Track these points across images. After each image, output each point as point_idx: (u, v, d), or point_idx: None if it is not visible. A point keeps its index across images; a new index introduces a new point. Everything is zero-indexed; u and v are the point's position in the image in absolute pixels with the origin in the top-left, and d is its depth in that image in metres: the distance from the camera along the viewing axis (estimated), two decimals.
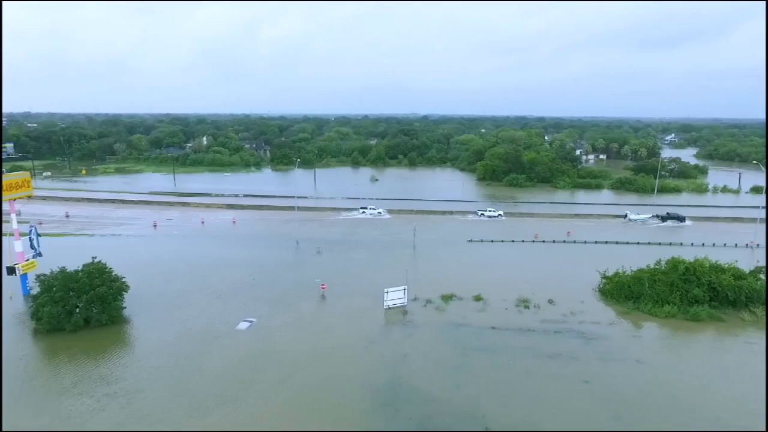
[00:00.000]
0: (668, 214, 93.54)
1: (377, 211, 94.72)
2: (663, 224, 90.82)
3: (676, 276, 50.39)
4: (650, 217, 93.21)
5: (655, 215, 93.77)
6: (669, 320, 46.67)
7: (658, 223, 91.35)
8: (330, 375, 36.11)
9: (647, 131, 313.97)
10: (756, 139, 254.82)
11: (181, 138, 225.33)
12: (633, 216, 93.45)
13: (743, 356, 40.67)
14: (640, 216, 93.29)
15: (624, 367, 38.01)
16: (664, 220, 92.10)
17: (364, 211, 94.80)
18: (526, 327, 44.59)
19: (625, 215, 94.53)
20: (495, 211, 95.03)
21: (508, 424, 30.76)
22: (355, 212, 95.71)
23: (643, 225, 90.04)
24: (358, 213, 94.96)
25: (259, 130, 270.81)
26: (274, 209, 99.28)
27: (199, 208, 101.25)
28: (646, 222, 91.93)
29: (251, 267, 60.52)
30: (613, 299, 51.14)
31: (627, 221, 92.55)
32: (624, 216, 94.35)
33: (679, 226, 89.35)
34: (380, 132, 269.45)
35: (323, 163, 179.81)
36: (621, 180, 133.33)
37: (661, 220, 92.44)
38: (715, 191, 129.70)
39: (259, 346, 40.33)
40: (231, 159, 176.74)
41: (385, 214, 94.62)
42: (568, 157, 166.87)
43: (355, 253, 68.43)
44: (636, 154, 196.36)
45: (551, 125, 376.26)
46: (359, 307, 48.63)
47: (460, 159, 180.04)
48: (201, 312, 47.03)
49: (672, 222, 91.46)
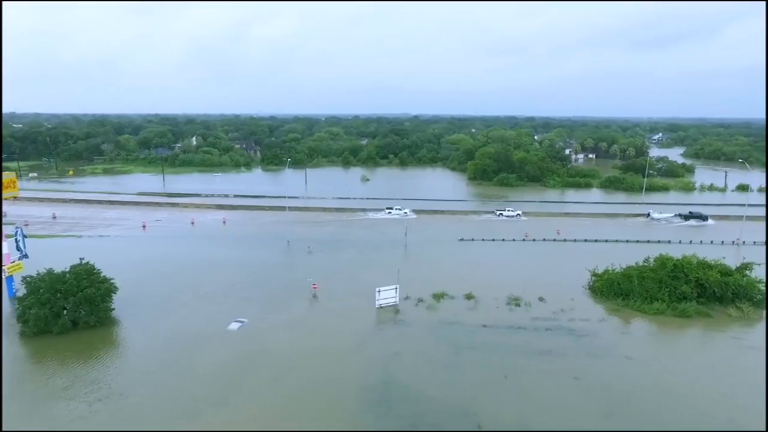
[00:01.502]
0: (691, 213, 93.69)
1: (403, 212, 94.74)
2: (685, 223, 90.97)
3: (665, 273, 50.98)
4: (673, 216, 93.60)
5: (678, 214, 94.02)
6: (658, 316, 47.18)
7: (681, 222, 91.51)
8: (322, 374, 36.00)
9: (635, 131, 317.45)
10: (741, 138, 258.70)
11: (170, 138, 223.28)
12: (656, 215, 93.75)
13: (730, 351, 41.25)
14: (663, 215, 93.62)
15: (613, 363, 38.36)
16: (687, 219, 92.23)
17: (390, 212, 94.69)
18: (517, 325, 44.82)
19: (647, 214, 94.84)
20: (513, 211, 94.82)
21: (499, 421, 30.89)
22: (381, 213, 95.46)
23: (666, 224, 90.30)
24: (384, 213, 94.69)
25: (249, 130, 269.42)
26: (265, 209, 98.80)
27: (189, 208, 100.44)
28: (669, 221, 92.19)
29: (242, 267, 60.17)
30: (603, 296, 51.59)
31: (650, 220, 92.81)
32: (647, 215, 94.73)
33: (702, 225, 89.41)
34: (371, 132, 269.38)
35: (314, 163, 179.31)
36: (610, 179, 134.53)
37: (683, 219, 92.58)
38: (702, 190, 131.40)
39: (251, 347, 40.09)
40: (221, 159, 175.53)
41: (411, 215, 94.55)
42: (558, 156, 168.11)
43: (346, 252, 68.31)
44: (624, 153, 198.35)
45: (541, 125, 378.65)
46: (351, 307, 48.54)
47: (450, 158, 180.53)
48: (191, 313, 46.65)
49: (695, 221, 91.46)
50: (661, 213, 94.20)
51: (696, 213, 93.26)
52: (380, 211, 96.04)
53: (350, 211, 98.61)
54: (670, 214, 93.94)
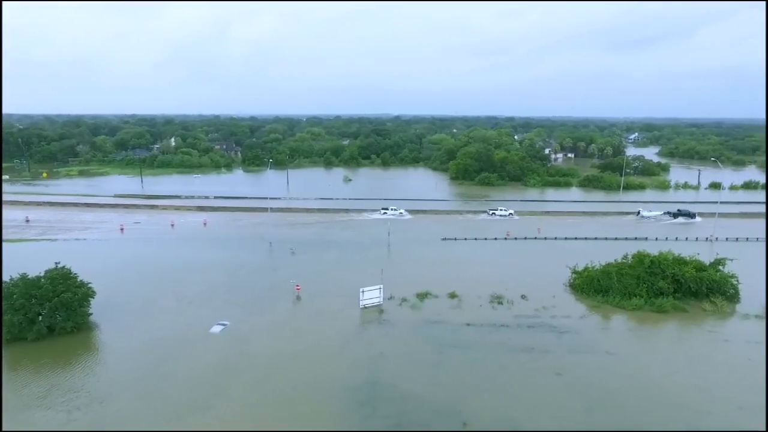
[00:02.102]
0: (679, 210, 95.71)
1: (399, 212, 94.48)
2: (675, 221, 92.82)
3: (642, 269, 52.12)
4: (662, 214, 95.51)
5: (667, 212, 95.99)
6: (636, 312, 48.20)
7: (670, 220, 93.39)
8: (306, 376, 35.79)
9: (612, 130, 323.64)
10: (713, 137, 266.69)
11: (148, 139, 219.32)
12: (646, 213, 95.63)
13: (706, 345, 42.38)
14: (653, 213, 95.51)
15: (594, 358, 39.05)
16: (676, 217, 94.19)
17: (385, 212, 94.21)
18: (500, 322, 45.28)
19: (638, 212, 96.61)
20: (506, 210, 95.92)
21: (484, 418, 31.17)
22: (376, 213, 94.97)
23: (656, 221, 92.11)
24: (380, 214, 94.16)
25: (229, 130, 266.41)
26: (247, 211, 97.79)
27: (168, 210, 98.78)
28: (658, 218, 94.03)
29: (224, 270, 59.45)
30: (584, 293, 52.48)
31: (640, 218, 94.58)
32: (637, 213, 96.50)
33: (690, 222, 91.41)
34: (353, 132, 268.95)
35: (295, 164, 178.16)
36: (588, 178, 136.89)
37: (672, 216, 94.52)
38: (677, 188, 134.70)
39: (233, 350, 39.63)
40: (200, 160, 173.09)
41: (407, 215, 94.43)
42: (538, 155, 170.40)
43: (330, 253, 68.06)
44: (602, 152, 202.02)
45: (521, 125, 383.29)
46: (335, 308, 48.38)
47: (432, 158, 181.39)
48: (172, 317, 45.90)
49: (683, 218, 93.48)
50: (650, 211, 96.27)
51: (684, 210, 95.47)
52: (375, 212, 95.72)
53: (344, 211, 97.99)
54: (659, 212, 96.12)
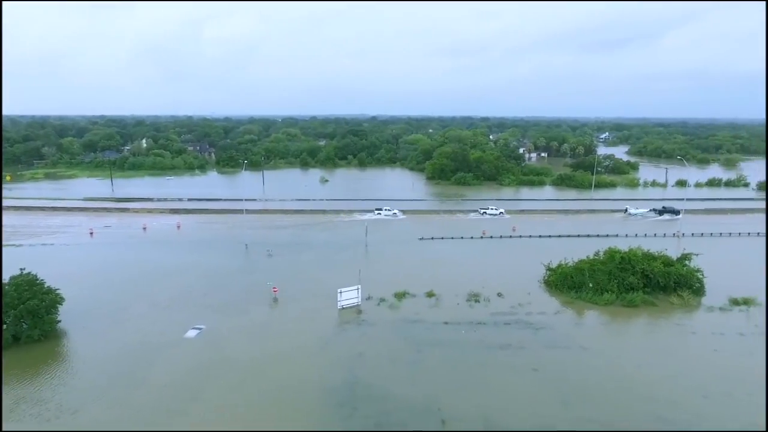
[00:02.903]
0: (664, 207, 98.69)
1: (393, 212, 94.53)
2: (660, 217, 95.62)
3: (614, 265, 53.53)
4: (648, 211, 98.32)
5: (653, 209, 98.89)
6: (608, 307, 49.48)
7: (656, 217, 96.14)
8: (284, 379, 35.52)
9: (584, 130, 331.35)
10: (679, 137, 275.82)
11: (117, 141, 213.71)
12: (633, 210, 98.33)
13: (674, 337, 43.79)
14: (639, 210, 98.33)
15: (569, 353, 39.92)
16: (661, 214, 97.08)
17: (379, 213, 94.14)
18: (477, 320, 45.82)
19: (625, 210, 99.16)
20: (496, 209, 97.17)
21: (462, 415, 31.49)
22: (370, 214, 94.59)
23: (643, 219, 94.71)
24: (373, 214, 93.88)
25: (203, 131, 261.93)
26: (221, 213, 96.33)
27: (140, 213, 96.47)
28: (645, 216, 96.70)
29: (199, 273, 58.45)
30: (558, 290, 53.58)
31: (627, 215, 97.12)
32: (624, 210, 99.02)
33: (674, 219, 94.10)
34: (329, 133, 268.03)
35: (271, 165, 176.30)
36: (561, 176, 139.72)
37: (658, 213, 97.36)
38: (645, 185, 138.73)
39: (209, 354, 39.00)
40: (173, 162, 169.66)
41: (400, 215, 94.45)
42: (512, 155, 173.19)
43: (307, 254, 67.65)
44: (574, 151, 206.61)
45: (495, 125, 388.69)
46: (313, 309, 48.14)
47: (409, 159, 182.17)
48: (145, 322, 44.87)
49: (668, 215, 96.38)
50: (637, 209, 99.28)
51: (669, 208, 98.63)
52: (368, 212, 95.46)
53: (333, 212, 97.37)
54: (645, 209, 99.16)
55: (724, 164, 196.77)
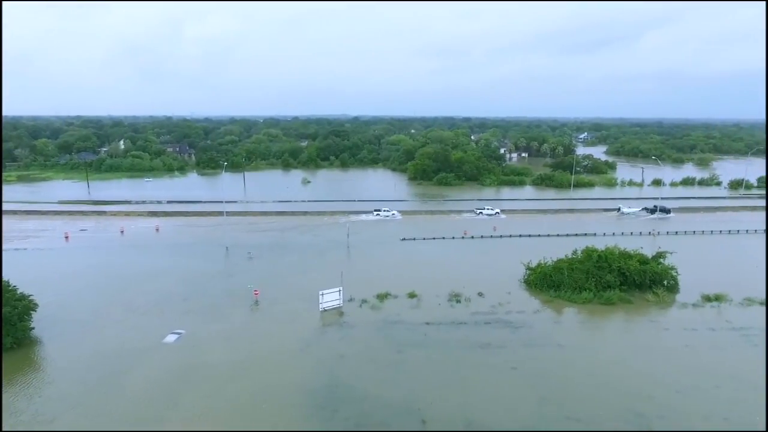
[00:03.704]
0: (655, 206, 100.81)
1: (391, 213, 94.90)
2: (652, 216, 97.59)
3: (591, 264, 54.57)
4: (640, 210, 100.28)
5: (645, 208, 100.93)
6: (586, 305, 50.41)
7: (648, 216, 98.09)
8: (265, 382, 35.34)
9: (563, 130, 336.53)
10: (654, 136, 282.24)
11: (94, 142, 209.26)
12: (625, 209, 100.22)
13: (649, 333, 44.86)
14: (632, 209, 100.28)
15: (547, 351, 40.59)
16: (653, 213, 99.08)
17: (378, 213, 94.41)
18: (458, 320, 46.24)
19: (618, 209, 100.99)
20: (492, 209, 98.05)
21: (442, 415, 31.79)
22: (369, 215, 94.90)
23: (635, 217, 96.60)
24: (372, 215, 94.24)
25: (183, 132, 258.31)
26: (202, 215, 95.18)
27: (118, 216, 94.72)
28: (637, 215, 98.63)
29: (178, 277, 57.69)
30: (537, 288, 54.39)
31: (620, 214, 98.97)
32: (617, 209, 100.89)
33: (666, 218, 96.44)
34: (311, 134, 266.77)
35: (252, 166, 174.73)
36: (541, 176, 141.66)
37: (650, 212, 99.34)
38: (623, 185, 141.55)
39: (189, 359, 38.57)
40: (152, 164, 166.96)
41: (398, 216, 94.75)
42: (493, 155, 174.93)
43: (289, 257, 67.34)
44: (554, 151, 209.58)
45: (477, 125, 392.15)
46: (294, 312, 47.97)
47: (391, 159, 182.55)
48: (123, 328, 44.14)
49: (659, 214, 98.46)
50: (630, 208, 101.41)
51: (660, 206, 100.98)
52: (367, 213, 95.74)
53: (329, 214, 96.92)
54: (637, 208, 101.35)
55: (698, 163, 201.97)
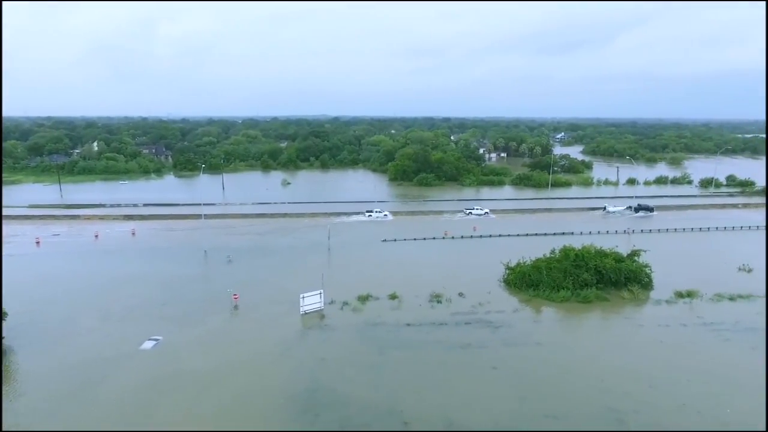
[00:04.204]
0: (639, 205, 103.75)
1: (383, 214, 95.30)
2: (636, 215, 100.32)
3: (569, 263, 55.57)
4: (625, 209, 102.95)
5: (629, 206, 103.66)
6: (564, 304, 51.28)
7: (632, 214, 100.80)
8: (245, 388, 34.98)
9: (541, 130, 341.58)
10: (629, 136, 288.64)
11: (66, 144, 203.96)
12: (611, 208, 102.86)
13: (624, 330, 45.90)
14: (617, 208, 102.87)
15: (526, 350, 41.18)
16: (637, 211, 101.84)
17: (370, 215, 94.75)
18: (438, 321, 46.53)
19: (604, 208, 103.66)
20: (482, 209, 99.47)
21: (424, 416, 31.96)
22: (361, 215, 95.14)
23: (620, 216, 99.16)
24: (364, 216, 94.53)
25: (159, 134, 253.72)
26: (179, 218, 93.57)
27: (92, 220, 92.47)
28: (622, 213, 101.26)
29: (155, 282, 56.67)
30: (516, 288, 55.11)
31: (606, 213, 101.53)
32: (603, 208, 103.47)
33: (649, 216, 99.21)
34: (291, 134, 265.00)
35: (231, 168, 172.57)
36: (520, 176, 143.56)
37: (634, 211, 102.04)
38: (599, 184, 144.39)
39: (166, 366, 37.92)
40: (127, 166, 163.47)
41: (390, 217, 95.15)
42: (473, 155, 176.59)
43: (268, 260, 66.76)
44: (532, 151, 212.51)
45: (456, 125, 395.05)
46: (274, 315, 47.60)
47: (371, 160, 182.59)
48: (98, 336, 43.13)
49: (643, 212, 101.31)
50: (615, 207, 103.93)
51: (644, 205, 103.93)
52: (359, 214, 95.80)
53: (310, 216, 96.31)
54: (622, 207, 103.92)
55: (670, 163, 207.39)
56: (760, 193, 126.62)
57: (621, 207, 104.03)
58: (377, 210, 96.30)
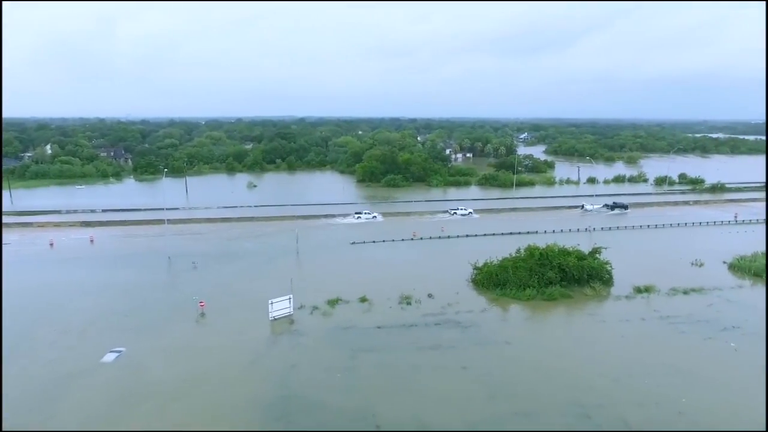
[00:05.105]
0: (614, 203, 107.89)
1: (372, 216, 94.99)
2: (612, 212, 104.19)
3: (534, 262, 57.00)
4: (601, 207, 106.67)
5: (605, 204, 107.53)
6: (530, 302, 52.57)
7: (608, 212, 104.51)
8: (213, 399, 34.23)
9: (505, 131, 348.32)
10: (588, 136, 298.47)
11: (16, 147, 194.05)
12: (588, 206, 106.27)
13: (588, 326, 47.50)
14: (594, 206, 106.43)
15: (496, 349, 42.00)
16: (613, 209, 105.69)
17: (359, 216, 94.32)
18: (409, 323, 46.86)
19: (582, 206, 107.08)
20: (466, 209, 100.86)
21: (396, 418, 32.14)
22: (350, 217, 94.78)
23: (597, 213, 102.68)
24: (353, 218, 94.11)
25: (117, 136, 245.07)
26: (141, 224, 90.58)
27: (46, 228, 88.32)
28: (599, 211, 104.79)
29: (117, 291, 54.68)
30: (484, 287, 56.09)
31: (584, 211, 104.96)
32: (581, 206, 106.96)
33: (624, 213, 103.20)
34: (256, 136, 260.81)
35: (195, 171, 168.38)
36: (486, 176, 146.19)
37: (610, 209, 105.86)
38: (561, 183, 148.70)
39: (130, 379, 36.67)
40: (84, 169, 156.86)
41: (380, 218, 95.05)
42: (439, 156, 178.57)
43: (235, 265, 65.52)
44: (497, 152, 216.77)
45: (423, 126, 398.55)
46: (243, 322, 46.77)
47: (339, 161, 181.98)
48: (55, 351, 41.24)
49: (618, 210, 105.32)
50: (592, 205, 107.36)
51: (619, 203, 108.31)
52: (347, 216, 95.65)
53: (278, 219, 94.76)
54: (599, 205, 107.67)
55: (627, 162, 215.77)
56: (710, 191, 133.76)
57: (598, 205, 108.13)
58: (366, 211, 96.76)
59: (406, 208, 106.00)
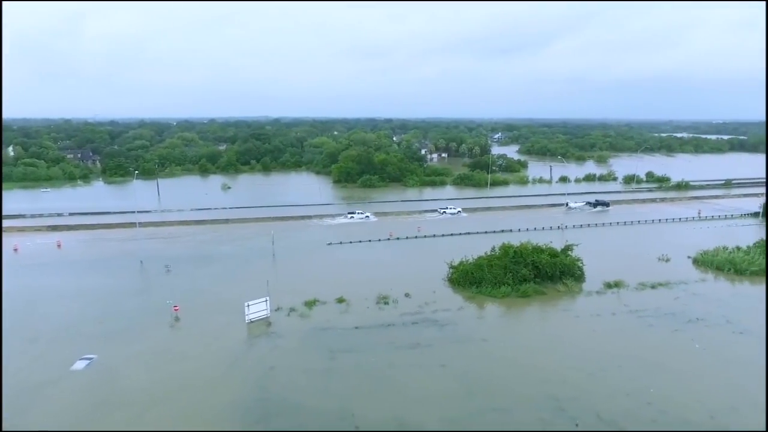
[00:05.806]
0: (597, 201, 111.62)
1: (365, 215, 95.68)
2: (594, 210, 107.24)
3: (508, 260, 58.05)
4: (584, 204, 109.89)
5: (588, 202, 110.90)
6: (505, 299, 53.54)
7: (591, 209, 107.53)
8: (190, 405, 33.74)
9: (479, 131, 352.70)
10: (560, 136, 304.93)
11: None
12: (572, 204, 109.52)
13: (561, 322, 48.66)
14: (578, 204, 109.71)
15: (472, 346, 42.64)
16: (595, 206, 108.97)
17: (352, 216, 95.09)
18: (386, 322, 47.12)
19: (566, 204, 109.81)
20: (454, 208, 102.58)
21: (375, 418, 32.33)
22: (342, 217, 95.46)
23: (581, 211, 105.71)
24: (345, 218, 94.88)
25: (85, 137, 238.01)
26: (111, 227, 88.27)
27: (10, 232, 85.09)
28: (582, 208, 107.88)
29: (87, 297, 53.20)
30: (460, 286, 56.83)
31: (568, 209, 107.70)
32: (566, 204, 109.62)
33: (605, 211, 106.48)
34: (230, 137, 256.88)
35: (167, 173, 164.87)
36: (461, 176, 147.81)
37: (592, 206, 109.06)
38: (534, 182, 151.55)
39: (102, 387, 35.79)
40: (50, 172, 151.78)
41: (373, 218, 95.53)
42: (415, 156, 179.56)
43: (210, 268, 64.56)
44: (471, 151, 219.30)
45: (398, 126, 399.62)
46: (219, 326, 46.18)
47: (314, 162, 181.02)
48: (23, 359, 39.91)
49: (600, 207, 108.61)
50: (576, 203, 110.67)
51: (601, 201, 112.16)
52: (339, 216, 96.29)
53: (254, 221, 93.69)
54: (582, 203, 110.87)
55: (597, 161, 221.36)
56: (675, 188, 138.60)
57: (581, 203, 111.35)
58: (359, 212, 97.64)
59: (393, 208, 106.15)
